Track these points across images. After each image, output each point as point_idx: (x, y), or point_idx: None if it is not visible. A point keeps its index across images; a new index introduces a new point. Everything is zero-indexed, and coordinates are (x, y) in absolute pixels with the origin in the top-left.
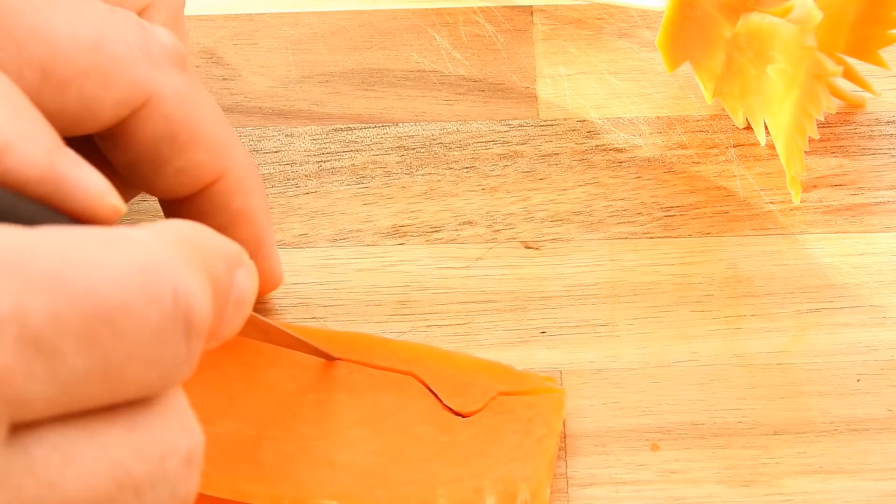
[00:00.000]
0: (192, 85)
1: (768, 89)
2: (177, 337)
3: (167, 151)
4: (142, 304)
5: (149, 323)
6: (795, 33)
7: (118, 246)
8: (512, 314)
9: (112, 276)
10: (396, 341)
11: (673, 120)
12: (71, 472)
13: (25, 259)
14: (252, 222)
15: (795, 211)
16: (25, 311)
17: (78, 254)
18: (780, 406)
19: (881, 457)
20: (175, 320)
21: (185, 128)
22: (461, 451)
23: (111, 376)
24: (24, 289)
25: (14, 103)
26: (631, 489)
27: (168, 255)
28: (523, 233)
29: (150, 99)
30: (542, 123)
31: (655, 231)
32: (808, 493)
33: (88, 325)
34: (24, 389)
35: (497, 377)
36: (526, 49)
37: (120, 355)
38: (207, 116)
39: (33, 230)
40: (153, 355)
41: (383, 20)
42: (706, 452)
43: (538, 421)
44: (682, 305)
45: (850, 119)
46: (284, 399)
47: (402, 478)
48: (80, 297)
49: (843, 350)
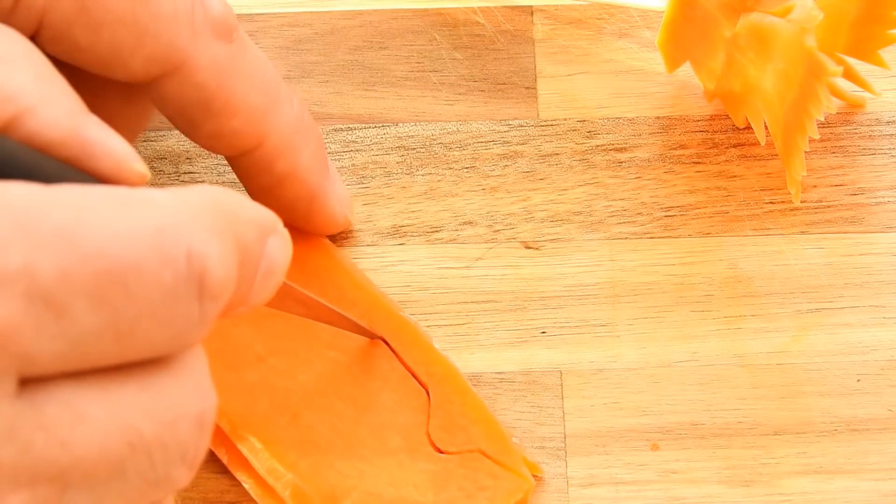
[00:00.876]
0: (234, 56)
1: (768, 89)
2: (189, 298)
3: (199, 116)
4: (155, 265)
5: (161, 284)
6: (795, 33)
7: (135, 207)
8: (512, 314)
9: (126, 236)
10: (435, 350)
11: (673, 120)
12: (83, 432)
13: (39, 216)
14: (300, 181)
15: (795, 211)
16: (35, 268)
17: (93, 213)
18: (780, 406)
19: (881, 457)
20: (188, 282)
21: (218, 97)
22: (416, 475)
23: (122, 335)
24: (35, 245)
25: (37, 67)
26: (631, 489)
27: (186, 218)
28: (523, 233)
29: (183, 66)
30: (543, 123)
31: (655, 231)
32: (808, 493)
33: (99, 283)
34: (33, 344)
35: (489, 437)
36: (526, 49)
37: (131, 314)
38: (246, 88)
39: (50, 188)
40: (165, 316)
41: (383, 20)
42: (706, 452)
43: (489, 494)
44: (682, 305)
45: (850, 119)
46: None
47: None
48: (92, 255)
49: (843, 350)
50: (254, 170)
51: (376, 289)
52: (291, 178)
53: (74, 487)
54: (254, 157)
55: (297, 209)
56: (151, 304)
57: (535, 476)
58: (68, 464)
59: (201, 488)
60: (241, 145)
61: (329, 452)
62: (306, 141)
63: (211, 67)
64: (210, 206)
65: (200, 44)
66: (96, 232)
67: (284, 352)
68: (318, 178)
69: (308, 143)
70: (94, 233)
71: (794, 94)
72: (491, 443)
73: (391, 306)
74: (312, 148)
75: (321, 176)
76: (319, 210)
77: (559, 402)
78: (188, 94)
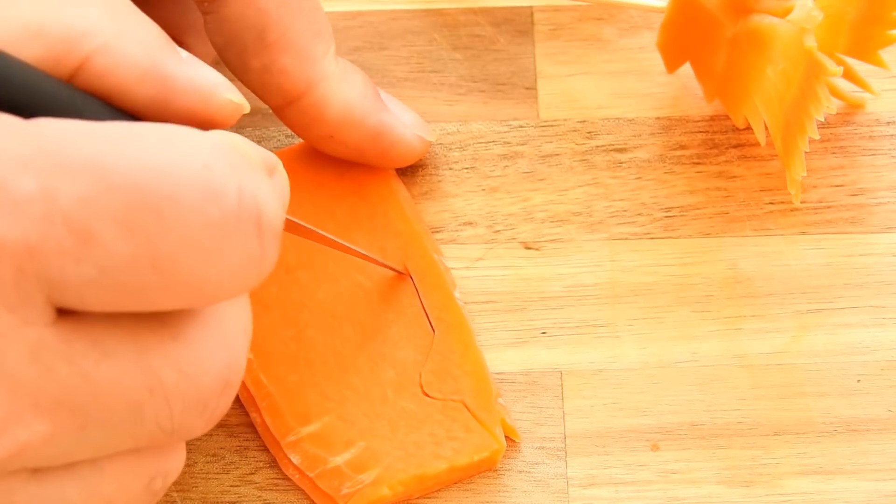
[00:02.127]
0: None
1: (768, 89)
2: (246, 234)
3: (252, 45)
4: (197, 199)
5: (207, 217)
6: (795, 34)
7: (181, 142)
8: (512, 314)
9: (162, 169)
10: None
11: (673, 120)
12: (106, 368)
13: (67, 146)
14: (356, 122)
15: (795, 211)
16: (54, 193)
17: (130, 146)
18: (780, 406)
19: (881, 457)
20: (240, 218)
21: (275, 28)
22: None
23: (162, 265)
24: (57, 172)
25: (109, 2)
26: (631, 489)
27: (235, 158)
28: (523, 233)
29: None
30: (543, 124)
31: (656, 231)
32: (807, 493)
33: (129, 211)
34: (58, 267)
35: (476, 391)
36: (526, 49)
37: (169, 245)
38: (302, 27)
39: (93, 124)
40: (215, 250)
41: (383, 21)
42: (706, 453)
43: (456, 445)
44: (682, 306)
45: (850, 119)
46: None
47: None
48: (119, 185)
49: (843, 350)
50: (306, 119)
51: (422, 226)
52: (347, 122)
53: (93, 423)
54: (305, 103)
55: (366, 151)
56: (195, 237)
57: (511, 440)
58: (88, 397)
59: (201, 489)
60: (293, 88)
61: (319, 372)
62: (355, 82)
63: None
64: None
65: None
66: (129, 163)
67: (314, 266)
68: (376, 116)
69: (357, 84)
70: (126, 164)
71: (794, 94)
72: (476, 398)
73: (428, 246)
74: (363, 87)
75: (378, 112)
76: (387, 145)
77: (559, 403)
78: (248, 17)
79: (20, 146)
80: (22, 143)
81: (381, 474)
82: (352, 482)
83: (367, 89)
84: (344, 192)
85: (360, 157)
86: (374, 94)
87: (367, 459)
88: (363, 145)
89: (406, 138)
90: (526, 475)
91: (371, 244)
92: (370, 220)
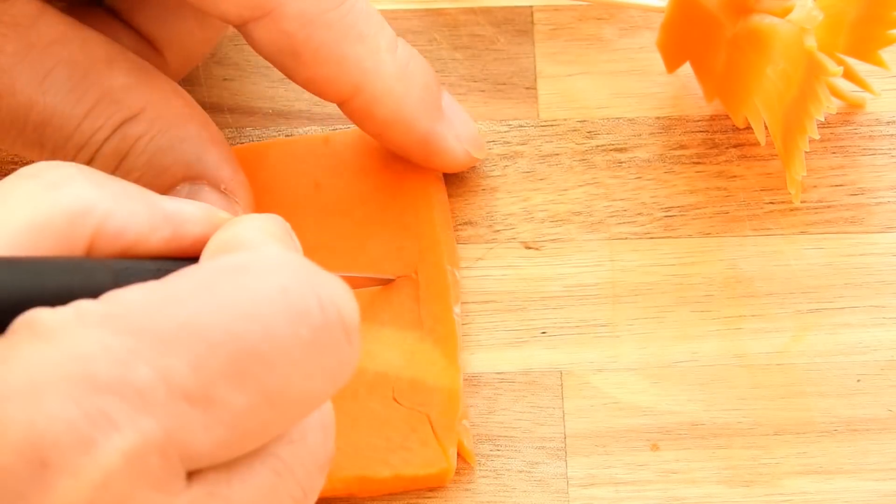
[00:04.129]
0: (325, 8)
1: (768, 89)
2: (335, 342)
3: (292, 64)
4: (286, 327)
5: (300, 340)
6: (795, 34)
7: (252, 275)
8: (512, 314)
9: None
10: (450, 313)
11: (673, 120)
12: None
13: (155, 318)
14: (407, 127)
15: (795, 211)
16: (168, 371)
17: (210, 298)
18: (780, 406)
19: (881, 457)
20: (328, 328)
21: (308, 47)
22: (361, 410)
23: (275, 400)
24: (161, 349)
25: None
26: (631, 489)
27: (302, 267)
28: (523, 233)
29: (272, 13)
30: (543, 124)
31: (656, 231)
32: (808, 493)
33: (236, 364)
34: (192, 441)
35: (444, 409)
36: (526, 49)
37: (277, 379)
38: (338, 38)
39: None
40: (315, 366)
41: None
42: (706, 453)
43: (407, 456)
44: (682, 306)
45: (850, 119)
46: None
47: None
48: (221, 341)
49: (843, 350)
50: (357, 116)
51: (447, 234)
52: (397, 124)
53: None
54: (355, 104)
55: (412, 154)
56: (295, 361)
57: (468, 464)
58: None
59: None
60: (339, 92)
61: None
62: (410, 87)
63: (298, 18)
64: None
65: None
66: (218, 317)
67: (320, 252)
68: (428, 123)
69: (413, 89)
70: (216, 318)
71: (794, 94)
72: (441, 414)
73: (444, 255)
74: (419, 93)
75: (431, 120)
76: (434, 153)
77: (559, 403)
78: (276, 41)
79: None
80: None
81: None
82: None
83: (426, 93)
84: (384, 183)
85: (406, 156)
86: (433, 100)
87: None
88: (410, 149)
89: (453, 151)
90: (526, 475)
91: (391, 240)
92: (398, 216)
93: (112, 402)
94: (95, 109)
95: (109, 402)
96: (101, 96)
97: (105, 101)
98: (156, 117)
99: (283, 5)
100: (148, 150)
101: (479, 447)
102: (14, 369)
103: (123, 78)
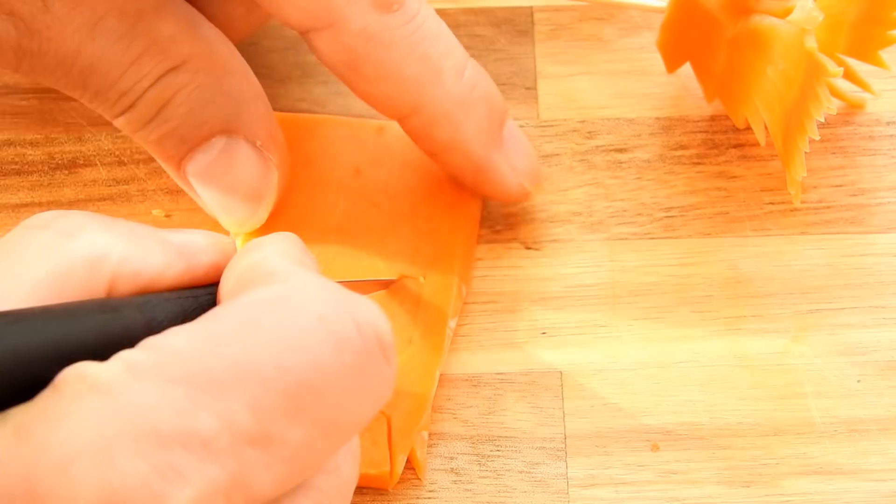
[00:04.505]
0: (390, 27)
1: (768, 90)
2: (376, 363)
3: (352, 77)
4: (332, 355)
5: (345, 366)
6: (796, 34)
7: (287, 305)
8: (512, 314)
9: (295, 343)
10: (443, 326)
11: (673, 120)
12: None
13: (208, 361)
14: (462, 152)
15: (795, 211)
16: (230, 416)
17: (255, 334)
18: (780, 406)
19: (881, 457)
20: (368, 352)
21: (368, 63)
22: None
23: (328, 430)
24: (218, 393)
25: (103, 224)
26: (631, 490)
27: (336, 293)
28: (523, 233)
29: (334, 25)
30: (543, 124)
31: (656, 232)
32: (808, 493)
33: (290, 398)
34: (255, 482)
35: (407, 415)
36: (526, 49)
37: (328, 409)
38: (399, 58)
39: (200, 325)
40: (361, 390)
41: None
42: (706, 453)
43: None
44: (682, 306)
45: (850, 119)
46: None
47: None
48: (274, 378)
49: (843, 350)
50: (414, 135)
51: (467, 248)
52: (453, 149)
53: None
54: (411, 123)
55: (464, 177)
56: (344, 390)
57: (416, 476)
58: None
59: None
60: (396, 110)
61: None
62: (471, 113)
63: (361, 33)
64: (299, 251)
65: (356, 9)
66: (268, 352)
67: (329, 239)
68: (484, 151)
69: (474, 116)
70: (266, 353)
71: (795, 94)
72: (403, 420)
73: (455, 268)
74: (479, 120)
75: (488, 148)
76: (486, 181)
77: (559, 403)
78: (337, 53)
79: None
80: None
81: None
82: None
83: (487, 121)
84: (422, 184)
85: (460, 180)
86: (495, 127)
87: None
88: (463, 174)
89: (507, 182)
90: (526, 475)
91: (410, 240)
92: (424, 219)
93: (180, 454)
94: (142, 58)
95: (177, 455)
96: (148, 45)
97: (152, 51)
98: (199, 69)
99: (346, 20)
100: (188, 102)
101: (480, 447)
102: (79, 426)
103: (171, 27)
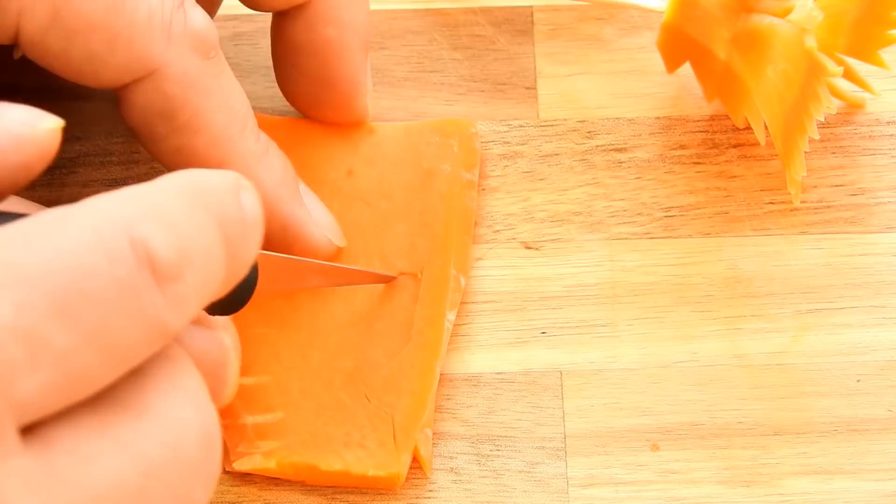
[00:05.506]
0: (207, 74)
1: (768, 90)
2: (147, 285)
3: (162, 128)
4: (104, 264)
5: (118, 279)
6: (795, 34)
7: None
8: (512, 314)
9: (67, 247)
10: (441, 321)
11: (673, 120)
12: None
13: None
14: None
15: (795, 211)
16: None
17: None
18: (780, 406)
19: (881, 457)
20: (140, 269)
21: (183, 112)
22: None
23: (100, 343)
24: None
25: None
26: (631, 489)
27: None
28: (523, 233)
29: (154, 74)
30: (543, 124)
31: (656, 231)
32: (808, 493)
33: (58, 300)
34: (19, 383)
35: (410, 414)
36: (526, 49)
37: (99, 318)
38: (213, 108)
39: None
40: (134, 310)
41: (383, 20)
42: (706, 453)
43: (360, 455)
44: (682, 306)
45: (850, 119)
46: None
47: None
48: (39, 279)
49: (843, 350)
50: None
51: (463, 240)
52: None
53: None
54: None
55: (270, 238)
56: (116, 303)
57: (416, 476)
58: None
59: None
60: (202, 166)
61: (288, 332)
62: (270, 169)
63: (181, 79)
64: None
65: (174, 54)
66: (39, 255)
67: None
68: (288, 207)
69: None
70: (36, 255)
71: (795, 94)
72: (406, 418)
73: (451, 261)
74: (278, 176)
75: (291, 204)
76: (295, 238)
77: (559, 403)
78: (155, 103)
79: None
80: None
81: (277, 449)
82: (250, 445)
83: (285, 176)
84: (414, 181)
85: (266, 244)
86: (293, 184)
87: (274, 430)
88: (269, 232)
89: (314, 237)
90: (526, 475)
91: (405, 236)
92: (419, 214)
93: None
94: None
95: None
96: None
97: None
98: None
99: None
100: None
101: (480, 447)
102: None
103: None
